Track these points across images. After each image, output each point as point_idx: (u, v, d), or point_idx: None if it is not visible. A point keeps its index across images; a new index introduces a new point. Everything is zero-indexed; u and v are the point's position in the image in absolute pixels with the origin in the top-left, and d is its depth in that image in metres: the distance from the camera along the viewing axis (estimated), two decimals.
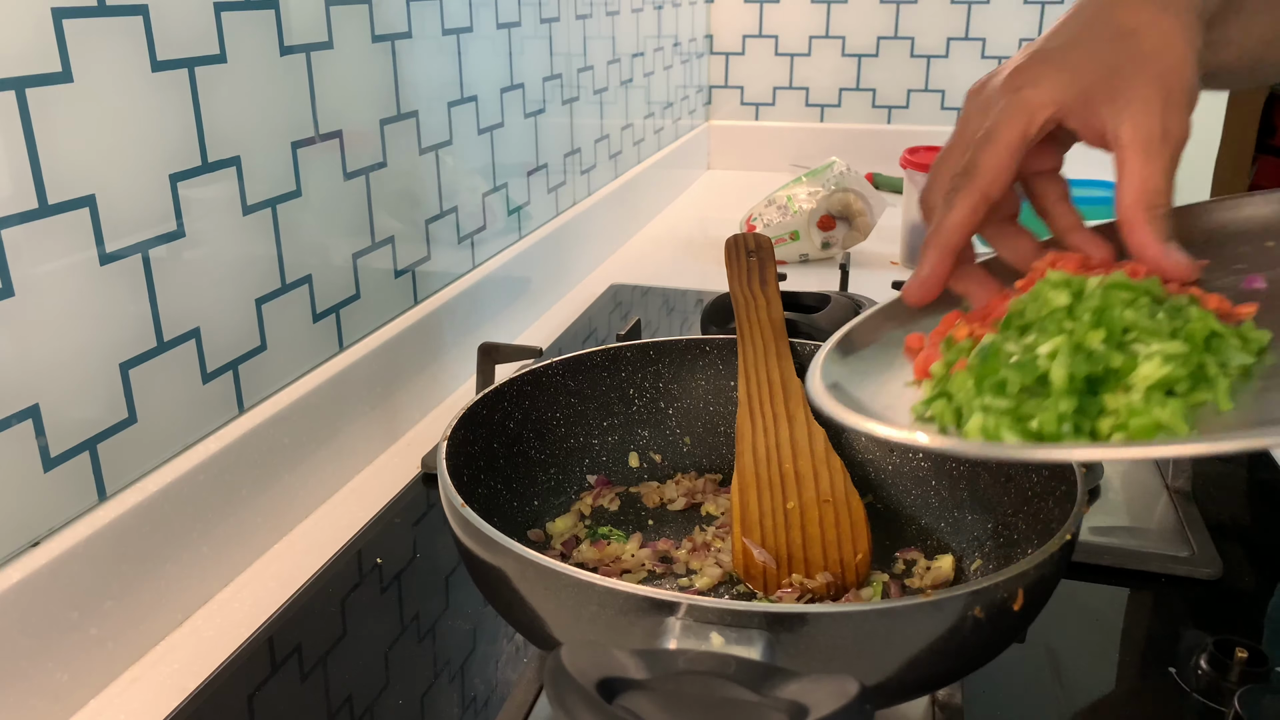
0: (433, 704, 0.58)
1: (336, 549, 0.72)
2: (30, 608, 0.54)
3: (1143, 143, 0.44)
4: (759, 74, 2.01)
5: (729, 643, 0.39)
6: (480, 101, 1.03)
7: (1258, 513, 0.78)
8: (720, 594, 0.59)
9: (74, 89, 0.55)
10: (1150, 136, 0.43)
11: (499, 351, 0.83)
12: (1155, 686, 0.58)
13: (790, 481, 0.61)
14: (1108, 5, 0.47)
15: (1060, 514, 0.51)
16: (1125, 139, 0.44)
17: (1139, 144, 0.44)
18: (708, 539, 0.63)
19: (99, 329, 0.59)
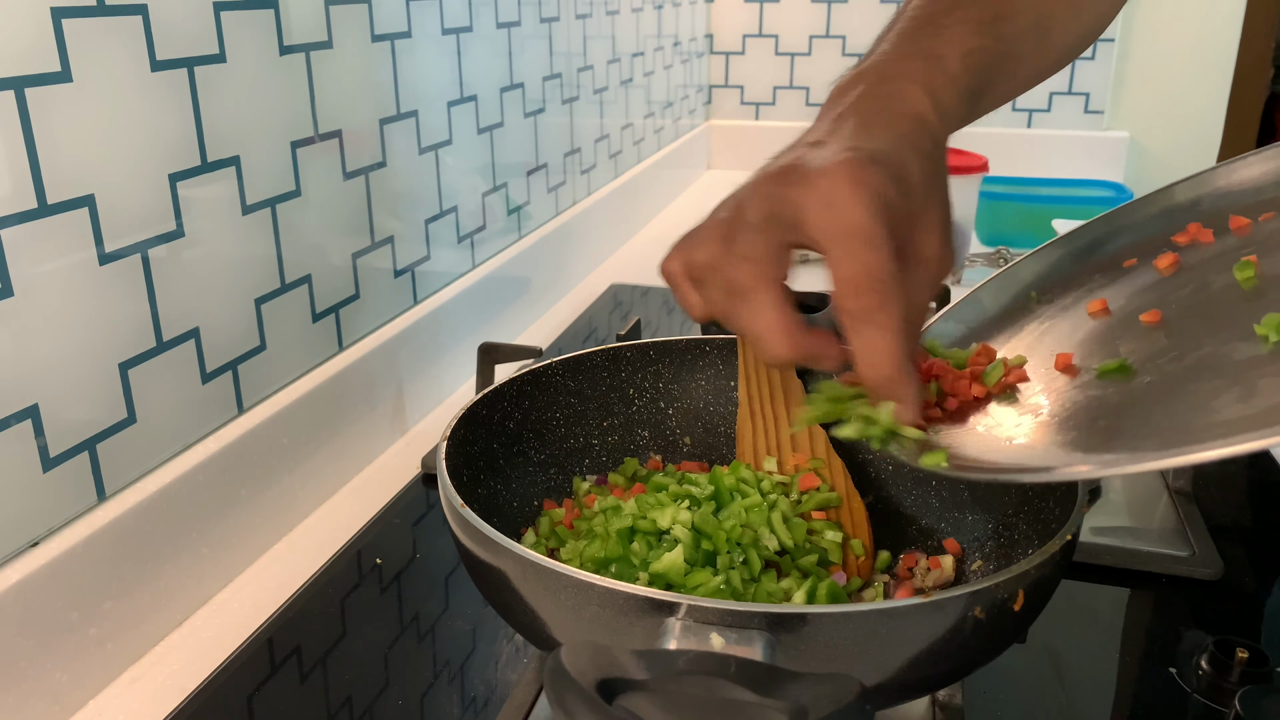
0: (433, 704, 0.58)
1: (336, 549, 0.72)
2: (30, 608, 0.54)
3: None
4: (759, 74, 2.01)
5: (729, 643, 0.39)
6: (480, 101, 1.03)
7: (1258, 513, 0.78)
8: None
9: (73, 89, 0.55)
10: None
11: (499, 351, 0.83)
12: (1155, 687, 0.58)
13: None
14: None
15: (1061, 514, 0.51)
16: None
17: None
18: None
19: (98, 329, 0.59)
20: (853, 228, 0.42)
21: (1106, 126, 1.88)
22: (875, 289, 0.42)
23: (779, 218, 0.44)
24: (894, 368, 0.43)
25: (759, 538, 0.55)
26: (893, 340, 0.43)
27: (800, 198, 0.44)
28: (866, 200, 0.42)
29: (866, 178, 0.43)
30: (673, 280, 0.49)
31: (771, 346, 0.45)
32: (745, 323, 0.45)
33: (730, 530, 0.55)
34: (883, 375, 0.44)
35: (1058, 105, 1.87)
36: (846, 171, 0.43)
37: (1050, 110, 1.88)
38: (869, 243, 0.42)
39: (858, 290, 0.42)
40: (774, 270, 0.45)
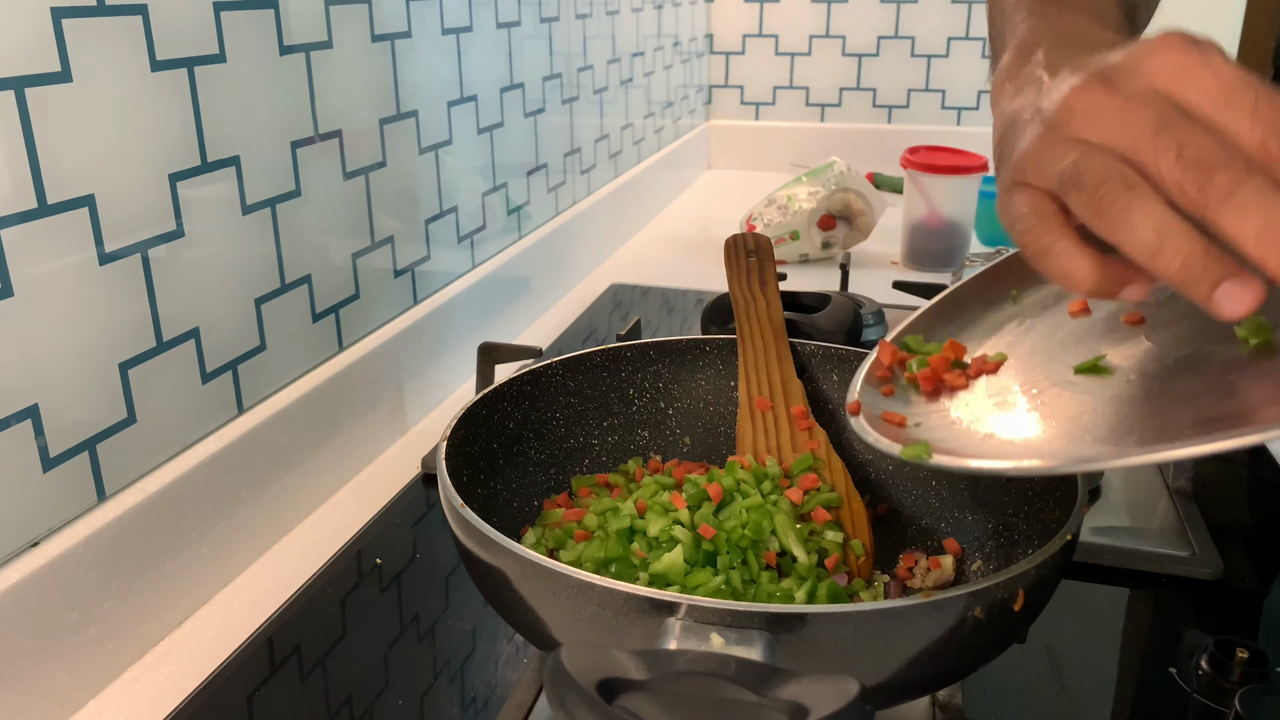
0: (433, 704, 0.58)
1: (336, 549, 0.72)
2: (30, 608, 0.54)
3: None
4: (759, 74, 2.01)
5: (729, 643, 0.39)
6: (480, 101, 1.03)
7: (1258, 513, 0.78)
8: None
9: (73, 89, 0.55)
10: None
11: (499, 351, 0.83)
12: (1155, 687, 0.58)
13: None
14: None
15: (1061, 514, 0.51)
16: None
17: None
18: None
19: (98, 329, 0.59)
20: (1229, 80, 0.36)
21: None
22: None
23: (1173, 113, 0.36)
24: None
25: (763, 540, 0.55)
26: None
27: (1150, 88, 0.37)
28: (1216, 51, 0.37)
29: (1194, 38, 0.37)
30: (1046, 238, 0.39)
31: (1181, 246, 0.35)
32: (1251, 218, 0.34)
33: (731, 531, 0.55)
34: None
35: None
36: (1177, 41, 0.37)
37: None
38: (1254, 83, 0.35)
39: (1266, 148, 0.35)
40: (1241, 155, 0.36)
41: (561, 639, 0.46)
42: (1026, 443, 0.43)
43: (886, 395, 0.51)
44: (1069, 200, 0.38)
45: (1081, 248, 0.38)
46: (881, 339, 0.54)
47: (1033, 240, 0.39)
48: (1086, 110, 0.38)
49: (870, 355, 0.53)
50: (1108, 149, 0.37)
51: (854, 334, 0.96)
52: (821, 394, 0.69)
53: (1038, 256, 0.39)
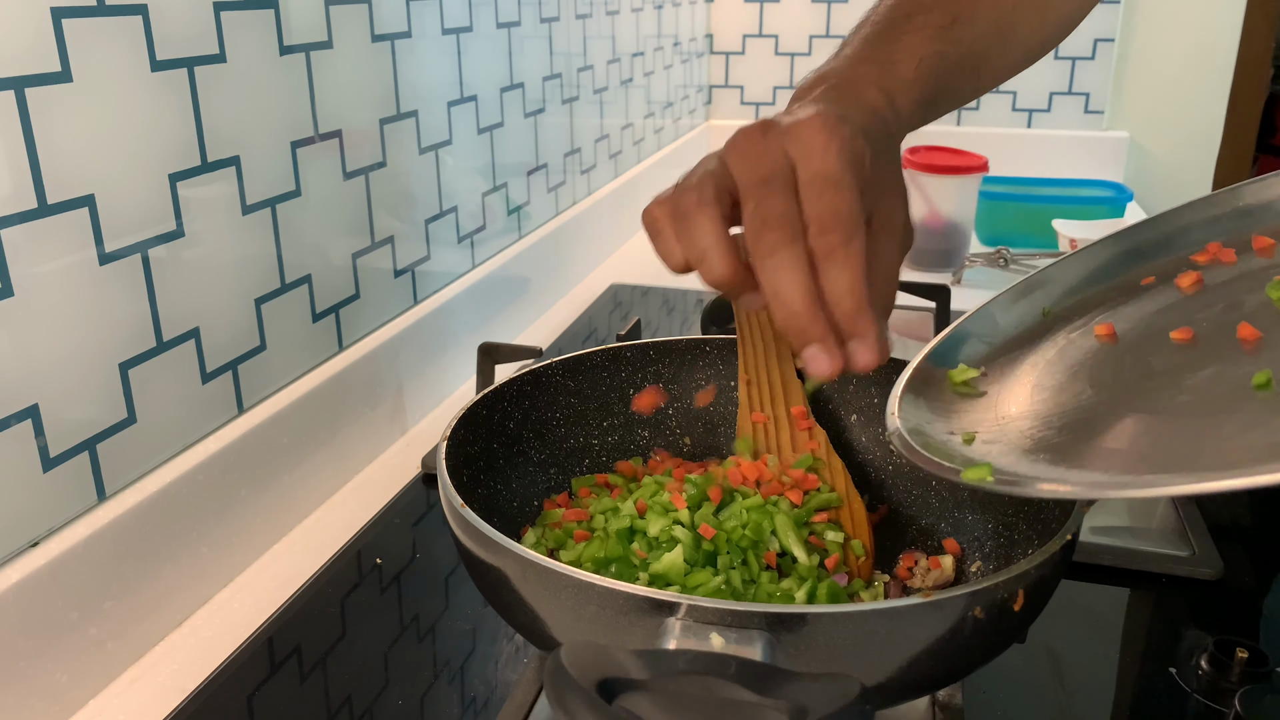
0: (433, 704, 0.58)
1: (336, 549, 0.72)
2: (30, 608, 0.54)
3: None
4: (759, 74, 2.01)
5: (729, 643, 0.39)
6: (480, 101, 1.03)
7: (1258, 513, 0.78)
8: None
9: (73, 89, 0.55)
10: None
11: (499, 351, 0.83)
12: (1155, 687, 0.58)
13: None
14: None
15: (1060, 514, 0.51)
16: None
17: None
18: None
19: (98, 329, 0.59)
20: (823, 171, 0.44)
21: (1106, 126, 1.88)
22: (840, 227, 0.43)
23: (777, 173, 0.45)
24: (857, 299, 0.44)
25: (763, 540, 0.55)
26: (855, 274, 0.43)
27: (782, 146, 0.45)
28: (839, 146, 0.44)
29: (838, 128, 0.45)
30: (655, 228, 0.48)
31: (793, 303, 0.44)
32: (773, 278, 0.44)
33: (731, 531, 0.55)
34: (847, 307, 0.44)
35: (1058, 105, 1.87)
36: (821, 121, 0.45)
37: (1050, 110, 1.88)
38: (837, 185, 0.44)
39: (822, 228, 0.43)
40: (799, 225, 0.44)
41: (561, 639, 0.46)
42: (1084, 464, 0.41)
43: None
44: (672, 196, 0.48)
45: (678, 238, 0.47)
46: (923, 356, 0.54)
47: (650, 218, 0.48)
48: (739, 143, 0.46)
49: (906, 370, 0.53)
50: (726, 175, 0.46)
51: None
52: (821, 394, 0.69)
53: (649, 231, 0.49)
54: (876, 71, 0.52)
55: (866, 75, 0.52)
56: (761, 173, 0.45)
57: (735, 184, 0.46)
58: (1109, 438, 0.42)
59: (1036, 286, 0.56)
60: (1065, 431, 0.44)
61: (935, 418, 0.49)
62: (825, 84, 0.52)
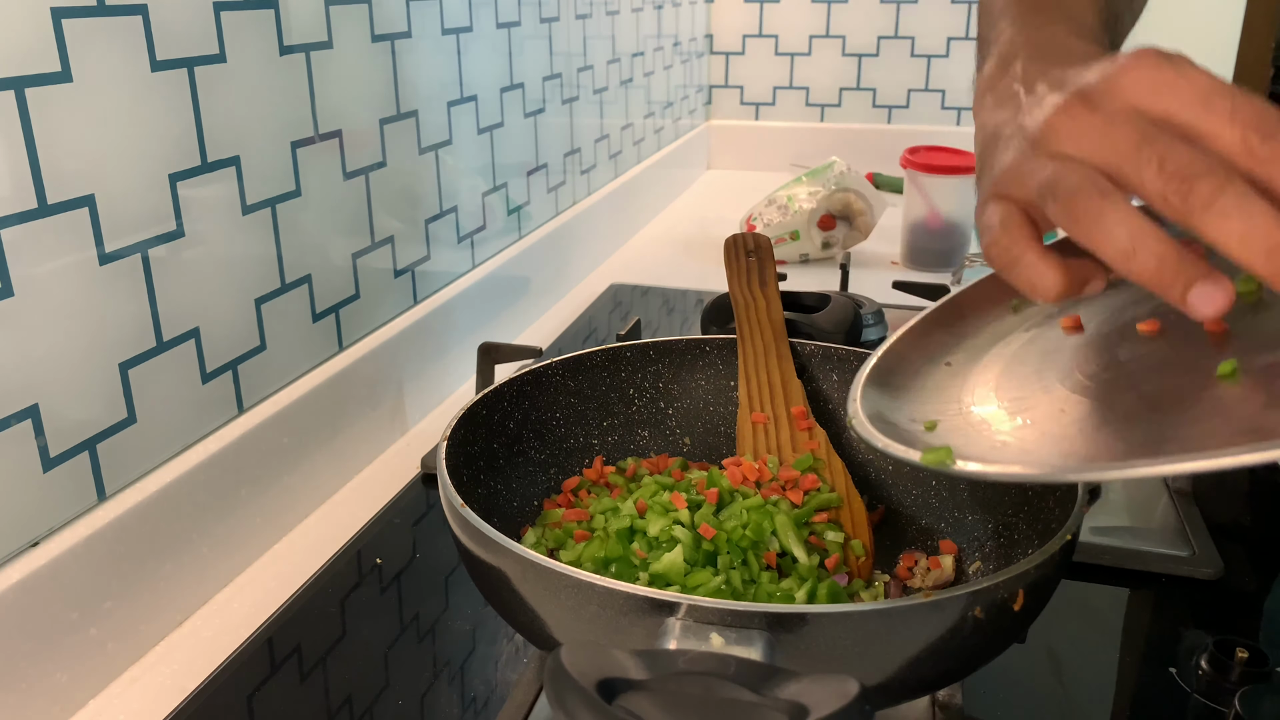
0: (433, 704, 0.58)
1: (336, 549, 0.72)
2: (30, 608, 0.54)
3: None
4: (759, 74, 2.01)
5: (729, 643, 0.39)
6: (480, 101, 1.03)
7: (1258, 513, 0.78)
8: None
9: (73, 89, 0.55)
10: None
11: (499, 351, 0.83)
12: (1155, 686, 0.58)
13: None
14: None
15: (1060, 514, 0.51)
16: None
17: None
18: None
19: (98, 329, 0.59)
20: (1206, 89, 0.37)
21: None
22: (1276, 125, 0.36)
23: (1153, 126, 0.37)
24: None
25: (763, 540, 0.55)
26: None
27: (1130, 100, 0.38)
28: (1188, 63, 0.38)
29: (1166, 54, 0.38)
30: (1014, 250, 0.40)
31: (1273, 234, 0.35)
32: (1232, 224, 0.35)
33: (731, 531, 0.55)
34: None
35: None
36: (1149, 56, 0.38)
37: None
38: (1230, 92, 0.37)
39: (1268, 133, 0.36)
40: (1224, 164, 0.37)
41: (561, 639, 0.46)
42: (1045, 449, 0.41)
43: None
44: (1047, 209, 0.39)
45: (1047, 257, 0.40)
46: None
47: (1000, 251, 0.41)
48: (1070, 129, 0.39)
49: (870, 359, 0.53)
50: (1089, 163, 0.38)
51: (854, 334, 0.96)
52: (821, 394, 0.69)
53: (1006, 266, 0.41)
54: (1064, 28, 0.48)
55: (1061, 35, 0.47)
56: (1134, 134, 0.37)
57: (1102, 167, 0.38)
58: (1071, 426, 0.42)
59: (1000, 280, 0.57)
60: (1029, 423, 0.44)
61: (898, 405, 0.49)
62: (1021, 57, 0.45)
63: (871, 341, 1.02)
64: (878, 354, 0.53)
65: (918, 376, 0.52)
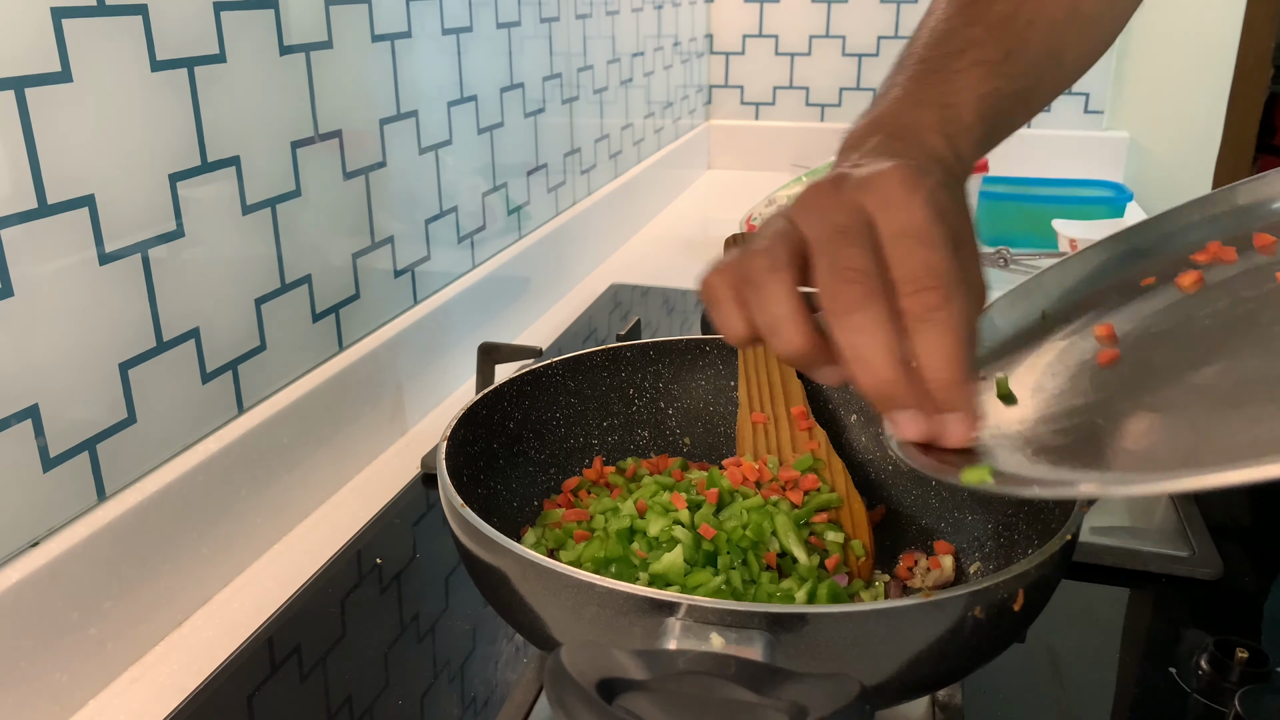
0: (433, 704, 0.58)
1: (336, 549, 0.72)
2: (30, 608, 0.54)
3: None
4: (759, 74, 2.01)
5: (729, 643, 0.39)
6: (480, 101, 1.03)
7: (1258, 513, 0.78)
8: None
9: (74, 89, 0.55)
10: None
11: (499, 351, 0.83)
12: (1155, 686, 0.58)
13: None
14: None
15: (1060, 514, 0.51)
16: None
17: None
18: None
19: (99, 329, 0.59)
20: (911, 225, 0.41)
21: (1106, 126, 1.89)
22: (938, 286, 0.39)
23: (854, 224, 0.42)
24: (958, 369, 0.40)
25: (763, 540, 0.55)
26: (958, 341, 0.39)
27: (860, 200, 0.42)
28: (923, 199, 0.41)
29: (921, 181, 0.42)
30: (715, 296, 0.45)
31: (880, 368, 0.40)
32: (854, 338, 0.40)
33: (731, 531, 0.55)
34: (946, 377, 0.40)
35: (1058, 105, 1.87)
36: (901, 174, 0.42)
37: (1050, 110, 1.88)
38: (927, 239, 0.40)
39: (917, 287, 0.40)
40: (881, 281, 0.41)
41: (561, 639, 0.46)
42: (1084, 463, 0.40)
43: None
44: (739, 262, 0.44)
45: (738, 309, 0.44)
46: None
47: (707, 287, 0.46)
48: (810, 200, 0.44)
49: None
50: (799, 232, 0.43)
51: None
52: (821, 394, 0.69)
53: (706, 301, 0.46)
54: (935, 116, 0.49)
55: (925, 121, 0.48)
56: (837, 224, 0.41)
57: (808, 243, 0.42)
58: (1110, 438, 0.42)
59: (1035, 289, 0.56)
60: (1065, 433, 0.43)
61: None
62: (881, 133, 0.48)
63: None
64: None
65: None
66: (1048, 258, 1.33)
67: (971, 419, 0.41)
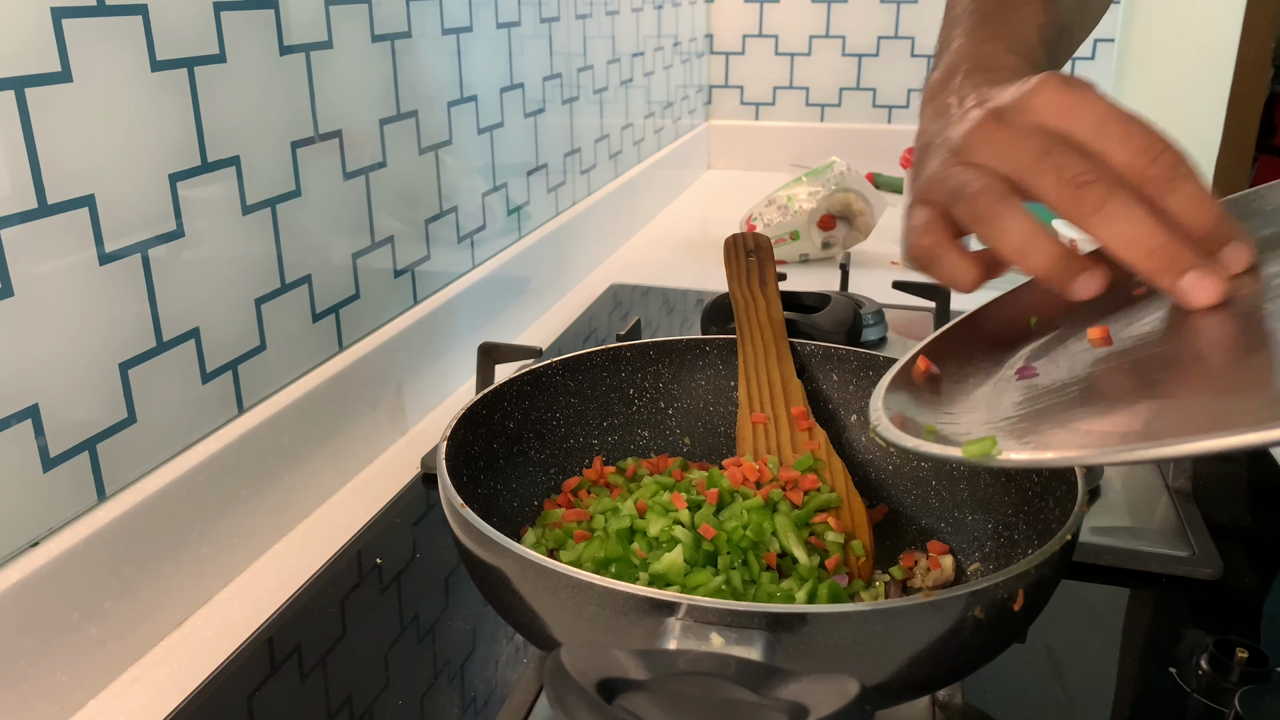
0: (433, 704, 0.58)
1: (336, 549, 0.72)
2: (30, 608, 0.54)
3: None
4: (759, 74, 2.01)
5: (729, 643, 0.39)
6: (480, 101, 1.03)
7: (1258, 513, 0.78)
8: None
9: (74, 89, 0.55)
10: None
11: (499, 351, 0.83)
12: (1155, 686, 0.58)
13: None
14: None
15: (1060, 514, 0.51)
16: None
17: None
18: None
19: (98, 329, 0.59)
20: (1104, 113, 0.42)
21: None
22: (1165, 148, 0.42)
23: (1052, 139, 0.43)
24: (1216, 211, 0.42)
25: (764, 541, 0.55)
26: (1202, 188, 0.42)
27: (1035, 119, 0.43)
28: (1087, 88, 0.43)
29: (1072, 79, 0.44)
30: (934, 248, 0.46)
31: (1151, 237, 0.41)
32: (1115, 228, 0.42)
33: (731, 531, 0.55)
34: (1212, 218, 0.42)
35: None
36: (1056, 81, 0.44)
37: None
38: (1125, 116, 0.42)
39: (1151, 158, 0.42)
40: (1112, 174, 0.43)
41: (561, 639, 0.46)
42: (1082, 438, 0.40)
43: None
44: (955, 210, 0.45)
45: (963, 254, 0.46)
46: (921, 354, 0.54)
47: (921, 250, 0.47)
48: (983, 142, 0.45)
49: (894, 367, 0.53)
50: (998, 172, 0.44)
51: (854, 334, 0.96)
52: (821, 394, 0.69)
53: (928, 263, 0.47)
54: (1004, 45, 0.53)
55: (997, 51, 0.52)
56: (1034, 148, 0.43)
57: (1009, 175, 0.44)
58: (1106, 421, 0.42)
59: (1019, 297, 0.56)
60: (1061, 424, 0.43)
61: (922, 414, 0.49)
62: (962, 70, 0.51)
63: (871, 341, 1.02)
64: (902, 362, 0.53)
65: (941, 388, 0.51)
66: None
67: (1248, 241, 0.42)
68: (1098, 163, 0.42)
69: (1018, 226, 0.43)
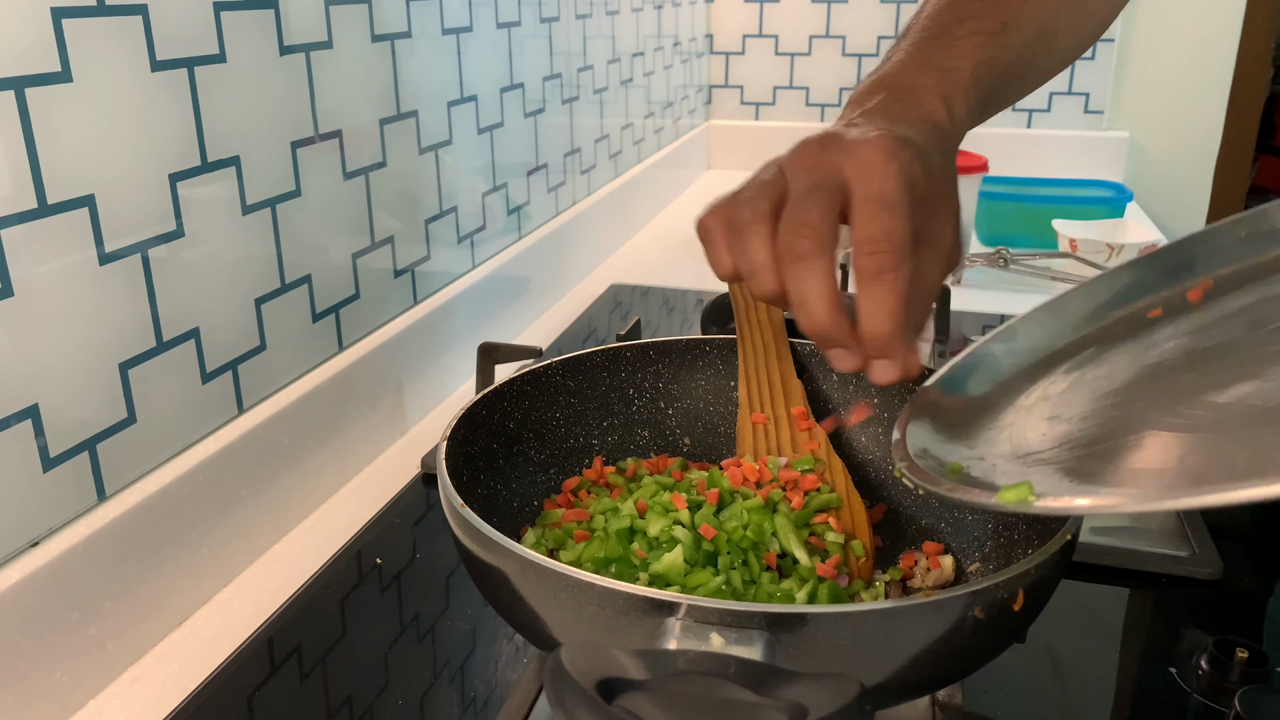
0: (433, 704, 0.58)
1: (336, 549, 0.72)
2: (30, 608, 0.54)
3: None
4: (759, 74, 2.01)
5: (729, 643, 0.39)
6: (480, 101, 1.03)
7: (1258, 513, 0.78)
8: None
9: (73, 89, 0.55)
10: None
11: (499, 351, 0.83)
12: (1155, 686, 0.58)
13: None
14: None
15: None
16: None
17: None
18: None
19: (98, 329, 0.59)
20: (880, 193, 0.45)
21: (1106, 126, 1.89)
22: (890, 250, 0.44)
23: (825, 184, 0.46)
24: (893, 325, 0.45)
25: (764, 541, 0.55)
26: (897, 300, 0.45)
27: (840, 162, 0.46)
28: (897, 171, 0.45)
29: (899, 153, 0.46)
30: (709, 237, 0.51)
31: (817, 313, 0.46)
32: (798, 284, 0.46)
33: (731, 531, 0.55)
34: (881, 331, 0.45)
35: (1058, 105, 1.87)
36: (883, 144, 0.46)
37: (1050, 110, 1.88)
38: (892, 208, 0.45)
39: (874, 249, 0.45)
40: (831, 238, 0.46)
41: (561, 639, 0.46)
42: (1114, 482, 0.40)
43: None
44: (731, 207, 0.50)
45: (726, 250, 0.50)
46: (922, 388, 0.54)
47: (704, 229, 0.52)
48: (798, 152, 0.48)
49: (911, 402, 0.53)
50: (783, 183, 0.47)
51: None
52: (821, 394, 0.69)
53: (702, 240, 0.52)
54: (935, 79, 0.54)
55: (925, 82, 0.53)
56: (814, 181, 0.46)
57: (782, 195, 0.47)
58: (1137, 457, 0.41)
59: (1061, 309, 0.56)
60: (1090, 457, 0.42)
61: (944, 447, 0.49)
62: (884, 91, 0.53)
63: None
64: (909, 406, 0.53)
65: (960, 417, 0.51)
66: (1047, 258, 1.33)
67: (901, 366, 0.46)
68: (836, 227, 0.46)
69: (753, 248, 0.47)
